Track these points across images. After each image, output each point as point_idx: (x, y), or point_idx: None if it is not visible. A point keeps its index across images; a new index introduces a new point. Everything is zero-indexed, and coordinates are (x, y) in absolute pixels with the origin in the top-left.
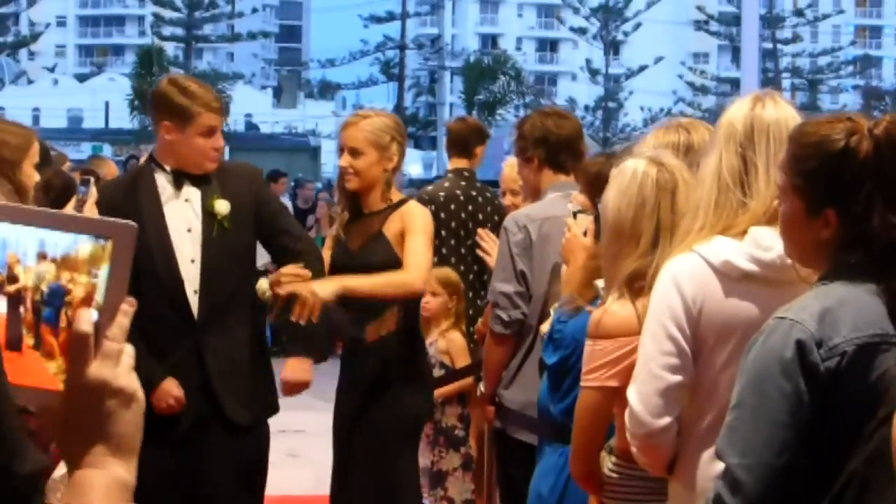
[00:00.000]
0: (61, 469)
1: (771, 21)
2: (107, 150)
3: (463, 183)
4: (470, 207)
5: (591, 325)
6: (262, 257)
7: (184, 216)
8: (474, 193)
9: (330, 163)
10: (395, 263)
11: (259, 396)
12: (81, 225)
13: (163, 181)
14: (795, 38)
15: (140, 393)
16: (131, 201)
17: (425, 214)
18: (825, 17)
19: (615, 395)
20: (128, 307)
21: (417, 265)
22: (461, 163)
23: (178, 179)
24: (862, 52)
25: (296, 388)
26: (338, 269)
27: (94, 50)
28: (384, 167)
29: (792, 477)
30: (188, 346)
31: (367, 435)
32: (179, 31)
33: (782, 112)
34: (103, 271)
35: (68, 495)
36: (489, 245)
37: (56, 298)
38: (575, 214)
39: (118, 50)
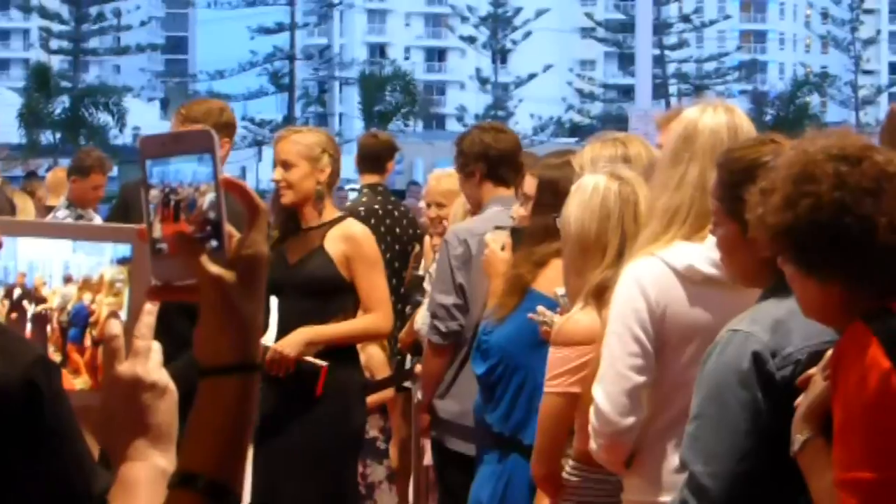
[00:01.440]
0: None
1: (658, 27)
2: None
3: (379, 198)
4: (388, 221)
5: (554, 333)
6: None
7: None
8: (390, 208)
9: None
10: (335, 279)
11: None
12: (95, 233)
13: None
14: (682, 45)
15: (172, 385)
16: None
17: (371, 240)
18: (711, 23)
19: (577, 400)
20: (151, 307)
21: (382, 304)
22: (373, 178)
23: None
24: (748, 56)
25: None
26: (277, 283)
27: None
28: (317, 179)
29: (754, 482)
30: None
31: (319, 449)
32: (66, 45)
33: (749, 123)
34: (127, 288)
35: (116, 490)
36: None
37: (80, 319)
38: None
39: (4, 64)
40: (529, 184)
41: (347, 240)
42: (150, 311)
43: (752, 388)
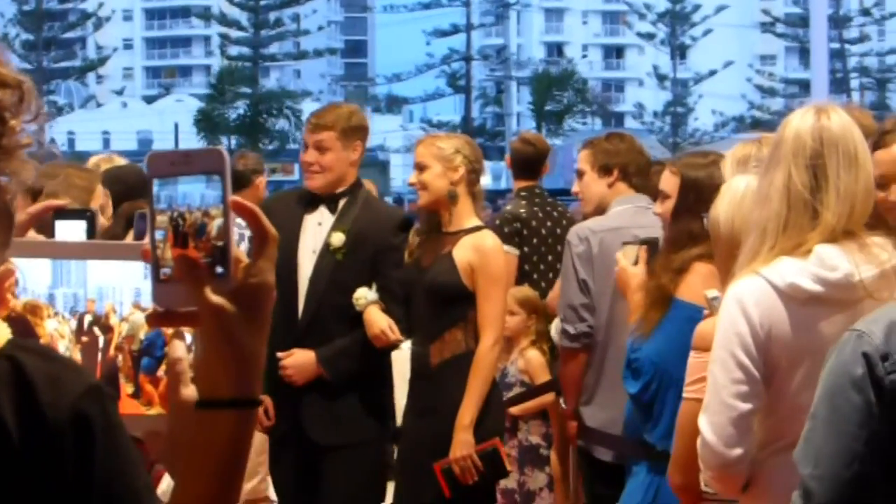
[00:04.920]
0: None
1: (838, 21)
2: None
3: (537, 200)
4: (548, 223)
5: (696, 336)
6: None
7: (313, 237)
8: (549, 209)
9: (399, 177)
10: (455, 287)
11: (348, 415)
12: (105, 251)
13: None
14: (863, 38)
15: None
16: (280, 215)
17: (499, 257)
18: (892, 15)
19: None
20: None
21: (491, 324)
22: (529, 182)
23: (307, 198)
24: None
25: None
26: (407, 285)
27: (162, 72)
28: (450, 179)
29: (862, 488)
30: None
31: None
32: (246, 51)
33: (847, 122)
34: None
35: None
36: None
37: (154, 349)
38: (635, 247)
39: (185, 71)
40: (668, 181)
41: (476, 250)
42: None
43: (864, 390)
